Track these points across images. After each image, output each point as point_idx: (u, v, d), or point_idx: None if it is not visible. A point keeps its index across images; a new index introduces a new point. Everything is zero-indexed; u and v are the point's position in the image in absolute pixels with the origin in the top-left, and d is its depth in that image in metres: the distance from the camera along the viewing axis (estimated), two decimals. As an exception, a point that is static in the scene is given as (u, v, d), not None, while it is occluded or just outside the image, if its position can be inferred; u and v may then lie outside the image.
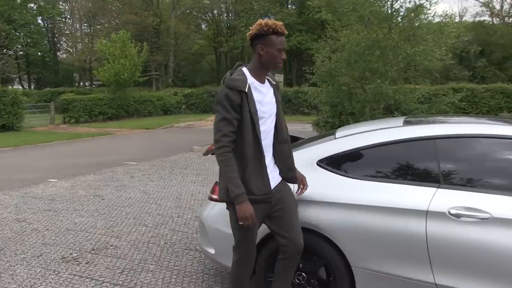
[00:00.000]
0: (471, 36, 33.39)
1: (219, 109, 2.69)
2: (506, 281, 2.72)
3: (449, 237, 2.80)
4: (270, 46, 2.74)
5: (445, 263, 2.83)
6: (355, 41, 10.04)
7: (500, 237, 2.71)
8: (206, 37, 43.55)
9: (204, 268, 4.23)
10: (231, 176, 2.65)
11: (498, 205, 2.78)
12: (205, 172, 9.12)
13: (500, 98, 23.45)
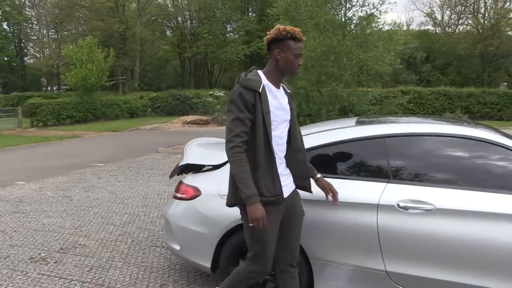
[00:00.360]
0: (417, 44, 34.42)
1: (232, 108, 2.53)
2: (450, 266, 2.82)
3: (398, 227, 2.88)
4: (287, 51, 2.60)
5: (394, 252, 2.91)
6: (312, 47, 10.15)
7: (443, 225, 2.81)
8: (171, 43, 43.06)
9: (170, 263, 4.19)
10: (243, 176, 2.46)
11: (441, 197, 2.87)
12: (171, 172, 9.01)
13: (443, 100, 24.27)
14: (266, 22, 29.10)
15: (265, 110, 2.54)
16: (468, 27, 38.26)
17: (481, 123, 3.91)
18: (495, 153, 3.00)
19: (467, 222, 2.80)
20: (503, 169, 2.98)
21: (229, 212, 3.16)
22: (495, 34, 33.76)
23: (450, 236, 2.81)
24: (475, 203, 2.83)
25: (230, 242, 3.23)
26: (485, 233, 2.77)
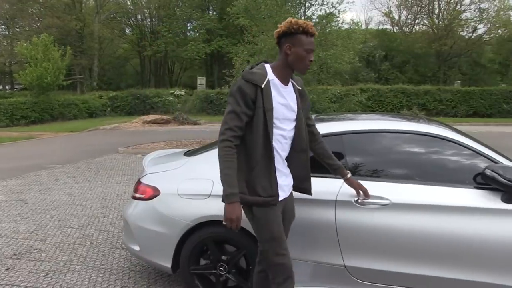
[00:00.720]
0: (376, 42, 35.21)
1: (230, 101, 2.44)
2: (407, 258, 2.91)
3: (356, 223, 2.95)
4: (298, 46, 2.45)
5: (352, 247, 2.98)
6: (271, 45, 10.20)
7: (399, 219, 2.90)
8: (130, 42, 42.34)
9: (130, 265, 4.14)
10: (227, 173, 2.37)
11: (396, 192, 2.96)
12: (131, 172, 8.89)
13: (401, 98, 24.94)
14: (226, 21, 29.12)
15: (268, 106, 2.42)
16: (424, 27, 39.43)
17: (435, 120, 4.05)
18: (448, 148, 3.11)
19: (422, 215, 2.90)
20: (456, 163, 3.10)
21: (188, 211, 3.17)
22: (448, 34, 34.94)
23: (406, 230, 2.90)
24: (429, 197, 2.93)
25: (190, 241, 3.22)
26: (439, 226, 2.87)
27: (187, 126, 20.02)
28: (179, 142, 13.23)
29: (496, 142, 11.57)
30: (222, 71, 13.28)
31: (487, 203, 2.87)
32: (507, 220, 2.83)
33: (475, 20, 36.00)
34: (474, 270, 2.86)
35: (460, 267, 2.87)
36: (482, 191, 2.92)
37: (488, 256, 2.83)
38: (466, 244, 2.85)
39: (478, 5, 35.40)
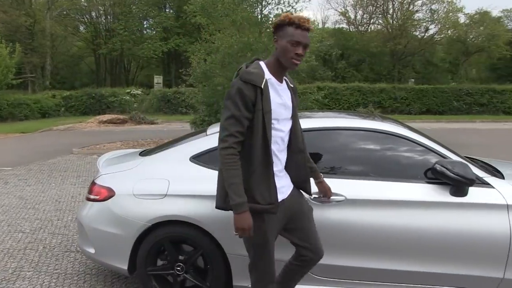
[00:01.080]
0: (332, 41, 35.78)
1: (228, 105, 2.29)
2: (362, 253, 3.00)
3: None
4: (282, 37, 2.33)
5: None
6: (228, 44, 10.21)
7: (353, 215, 2.98)
8: (85, 39, 41.24)
9: (86, 268, 4.05)
10: (233, 182, 2.24)
11: (351, 188, 3.04)
12: (86, 173, 8.68)
13: (357, 95, 25.47)
14: (183, 19, 28.88)
15: (266, 108, 2.30)
16: (379, 26, 40.41)
17: (389, 117, 4.17)
18: (401, 145, 3.22)
19: (376, 210, 2.99)
20: (408, 159, 3.21)
21: (144, 211, 3.15)
22: (402, 33, 35.98)
23: (361, 225, 2.98)
24: (383, 192, 3.03)
25: (146, 242, 3.19)
26: (394, 220, 2.97)
27: (144, 125, 19.73)
28: (136, 142, 13.03)
29: (447, 138, 12.04)
30: (179, 70, 13.17)
31: (437, 197, 2.99)
32: (456, 213, 2.96)
33: (426, 20, 37.28)
34: (427, 261, 2.98)
35: (415, 259, 2.98)
36: (432, 186, 3.04)
37: (440, 247, 2.96)
38: (419, 237, 2.96)
39: (429, 6, 36.66)
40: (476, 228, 2.94)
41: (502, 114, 24.97)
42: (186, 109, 14.17)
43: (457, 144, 10.38)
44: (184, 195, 3.11)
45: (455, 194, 2.97)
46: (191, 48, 12.08)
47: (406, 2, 36.93)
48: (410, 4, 36.85)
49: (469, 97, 25.64)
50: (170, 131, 15.99)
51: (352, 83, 27.37)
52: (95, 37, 39.34)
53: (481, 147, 11.92)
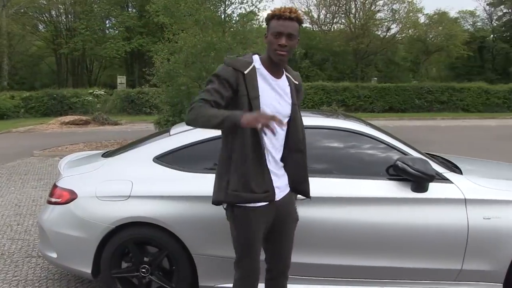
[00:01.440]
0: (296, 40, 35.99)
1: (207, 84, 2.30)
2: (325, 249, 3.05)
3: None
4: (268, 32, 2.32)
5: None
6: (192, 43, 10.15)
7: (317, 213, 3.02)
8: (44, 39, 40.07)
9: (48, 273, 3.95)
10: (214, 114, 2.14)
11: (315, 186, 3.07)
12: (47, 176, 8.46)
13: (321, 94, 25.80)
14: (146, 18, 28.54)
15: (253, 94, 2.25)
16: (342, 25, 41.03)
17: (352, 116, 4.25)
18: (364, 143, 3.28)
19: (340, 208, 3.04)
20: (371, 157, 3.28)
21: (108, 213, 3.10)
22: (365, 33, 36.64)
23: (326, 223, 3.03)
24: (347, 190, 3.08)
25: (110, 244, 3.14)
26: (358, 217, 3.04)
27: (107, 126, 19.37)
28: (99, 143, 12.78)
29: (409, 135, 12.34)
30: (143, 70, 12.99)
31: (399, 193, 3.07)
32: (417, 208, 3.05)
33: (388, 20, 38.10)
34: (390, 256, 3.06)
35: (378, 255, 3.06)
36: (394, 182, 3.11)
37: (401, 243, 3.04)
38: (382, 233, 3.03)
39: (391, 6, 37.46)
40: (436, 222, 3.03)
41: (461, 111, 25.79)
42: (150, 109, 14.02)
43: (418, 141, 10.66)
44: (148, 196, 3.09)
45: (416, 190, 3.04)
46: (154, 48, 11.95)
47: (368, 2, 37.63)
48: (372, 4, 37.59)
49: (430, 95, 26.37)
50: (134, 131, 15.77)
51: (316, 82, 27.71)
52: (56, 36, 38.32)
53: (441, 143, 12.28)
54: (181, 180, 3.13)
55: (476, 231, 3.03)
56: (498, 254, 3.06)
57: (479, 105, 26.20)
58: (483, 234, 3.03)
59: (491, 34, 43.27)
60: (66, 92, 26.44)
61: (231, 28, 11.56)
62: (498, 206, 3.08)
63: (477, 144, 12.40)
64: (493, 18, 44.14)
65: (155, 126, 12.13)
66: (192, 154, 3.24)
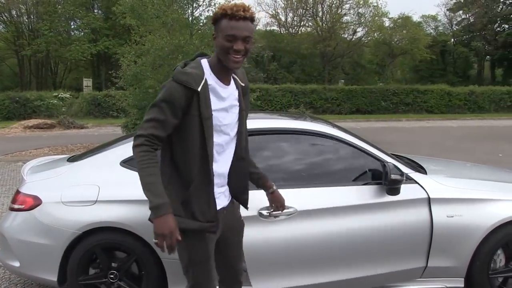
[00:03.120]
0: (264, 43, 36.19)
1: (154, 105, 2.03)
2: (313, 266, 3.02)
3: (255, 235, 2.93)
4: (218, 33, 2.04)
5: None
6: (159, 46, 10.05)
7: (305, 227, 2.98)
8: (5, 39, 38.88)
9: (10, 284, 3.83)
10: (149, 181, 1.97)
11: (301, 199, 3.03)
12: (10, 182, 8.21)
13: (289, 97, 25.95)
14: (112, 20, 28.18)
15: (206, 114, 2.03)
16: (309, 28, 41.37)
17: (320, 118, 4.28)
18: (331, 145, 3.28)
19: (323, 220, 3.01)
20: (340, 160, 3.29)
21: (74, 219, 3.03)
22: (332, 36, 37.08)
23: (312, 236, 2.98)
24: (318, 200, 3.05)
25: (77, 251, 3.07)
26: (328, 228, 3.01)
27: (73, 130, 18.95)
28: (65, 147, 12.50)
29: (376, 136, 12.57)
30: (109, 72, 12.77)
31: (376, 198, 3.09)
32: (390, 211, 3.08)
33: (354, 23, 38.66)
34: (372, 264, 3.09)
35: (365, 263, 3.08)
36: (363, 187, 3.14)
37: (380, 248, 3.07)
38: (367, 240, 3.04)
39: (357, 10, 38.06)
40: (403, 223, 3.09)
41: (425, 112, 26.44)
42: (117, 112, 13.78)
43: (385, 142, 10.87)
44: (115, 201, 3.04)
45: (391, 193, 3.05)
46: (121, 50, 11.78)
47: (334, 5, 38.12)
48: (339, 7, 38.10)
49: (396, 97, 26.92)
50: (101, 135, 15.48)
51: (284, 84, 27.85)
52: (17, 37, 37.21)
53: (406, 144, 12.55)
54: (149, 184, 3.09)
55: (440, 229, 3.11)
56: (461, 250, 3.16)
57: (442, 107, 26.92)
58: (447, 232, 3.12)
59: (451, 38, 44.60)
60: (30, 95, 25.71)
61: (198, 31, 11.49)
62: (461, 204, 3.18)
63: (441, 144, 12.74)
64: (453, 23, 45.58)
65: (123, 129, 11.96)
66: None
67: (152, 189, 1.99)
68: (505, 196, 3.30)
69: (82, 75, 35.82)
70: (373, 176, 3.20)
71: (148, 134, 2.02)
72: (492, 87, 29.12)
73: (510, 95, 27.59)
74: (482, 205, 3.20)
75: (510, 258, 3.27)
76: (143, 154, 2.01)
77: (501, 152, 11.08)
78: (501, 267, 3.28)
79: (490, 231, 3.15)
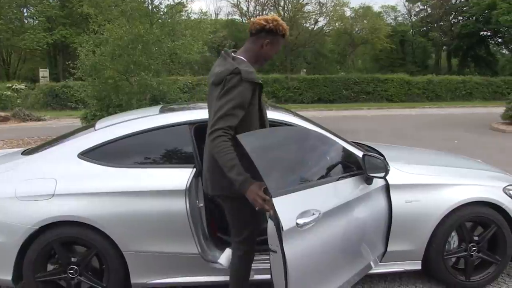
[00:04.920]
0: (225, 32, 35.99)
1: (228, 98, 2.38)
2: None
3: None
4: (274, 45, 2.61)
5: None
6: (118, 35, 9.81)
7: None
8: (-48, 28, 37.09)
9: None
10: (233, 164, 2.29)
11: None
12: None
13: (257, 86, 25.95)
14: (69, 8, 27.31)
15: (261, 104, 2.55)
16: (271, 18, 41.28)
17: (281, 107, 4.30)
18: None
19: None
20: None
21: (30, 214, 2.95)
22: (293, 25, 37.11)
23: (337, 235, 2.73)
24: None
25: (33, 247, 2.98)
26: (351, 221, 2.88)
27: (30, 123, 18.33)
28: (20, 140, 12.08)
29: (338, 125, 12.74)
30: (67, 63, 12.37)
31: (355, 190, 2.96)
32: (368, 201, 3.05)
33: (316, 13, 38.87)
34: (359, 255, 3.02)
35: (358, 256, 3.02)
36: (346, 180, 2.94)
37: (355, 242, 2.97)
38: (362, 233, 2.98)
39: (318, 0, 38.29)
40: (365, 211, 3.01)
41: (386, 101, 27.00)
42: (76, 104, 13.43)
43: (346, 130, 11.03)
44: (73, 194, 2.97)
45: (368, 182, 3.05)
46: (79, 40, 11.45)
47: (296, -5, 38.20)
48: (300, -4, 38.22)
49: (357, 86, 27.36)
50: (60, 127, 15.03)
51: (250, 74, 27.79)
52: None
53: (367, 132, 12.79)
54: (108, 176, 3.04)
55: (399, 215, 3.20)
56: (418, 235, 3.26)
57: (401, 95, 27.54)
58: (405, 217, 3.21)
59: (410, 28, 45.56)
60: (-19, 86, 24.73)
61: (159, 20, 11.29)
62: (418, 190, 3.28)
63: (400, 132, 13.05)
64: (412, 13, 46.53)
65: (82, 121, 11.66)
66: (119, 149, 3.15)
67: (236, 170, 2.30)
68: (459, 181, 3.42)
69: (38, 66, 34.64)
70: (344, 168, 3.06)
71: (225, 127, 2.35)
72: (449, 77, 30.02)
73: (465, 84, 28.57)
74: (438, 190, 3.31)
75: (462, 239, 3.40)
76: (223, 143, 2.32)
77: (457, 139, 11.46)
78: (455, 248, 3.41)
79: (445, 215, 3.26)
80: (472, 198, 3.32)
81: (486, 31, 38.57)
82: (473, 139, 11.57)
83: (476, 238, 3.40)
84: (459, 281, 3.39)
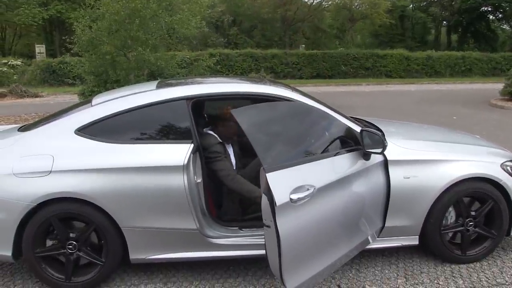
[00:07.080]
0: (224, 7, 35.52)
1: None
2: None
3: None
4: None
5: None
6: (115, 10, 9.64)
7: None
8: None
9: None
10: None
11: None
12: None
13: (250, 61, 25.75)
14: (64, -18, 26.82)
15: None
16: (269, -8, 40.72)
17: (280, 82, 4.26)
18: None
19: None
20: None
21: (28, 191, 2.94)
22: (292, 0, 36.70)
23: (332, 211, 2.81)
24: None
25: (32, 223, 2.98)
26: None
27: (27, 99, 18.23)
28: (18, 117, 12.03)
29: (337, 100, 12.69)
30: (63, 38, 12.19)
31: (353, 165, 3.02)
32: (372, 174, 3.11)
33: (315, -13, 38.33)
34: (360, 230, 3.08)
35: (359, 231, 3.07)
36: (344, 155, 3.01)
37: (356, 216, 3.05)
38: (362, 207, 3.04)
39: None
40: (365, 186, 3.08)
41: (385, 77, 26.83)
42: (73, 80, 13.28)
43: (345, 106, 11.00)
44: (71, 170, 2.96)
45: (366, 158, 3.09)
46: (74, 15, 11.24)
47: (295, -31, 37.56)
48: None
49: (356, 62, 27.14)
50: (57, 104, 14.95)
51: (244, 49, 27.54)
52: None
53: (366, 108, 12.76)
54: (105, 152, 3.03)
55: (397, 190, 3.20)
56: (416, 210, 3.27)
57: (400, 71, 27.36)
58: (403, 193, 3.22)
59: (410, 3, 44.95)
60: (-24, 63, 24.47)
61: (156, -7, 11.09)
62: (417, 166, 3.27)
63: (399, 108, 13.02)
64: (412, -12, 45.86)
65: (80, 97, 11.57)
66: (116, 125, 3.12)
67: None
68: (457, 156, 3.42)
69: (34, 41, 34.22)
70: (342, 143, 3.12)
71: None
72: (448, 52, 29.76)
73: (465, 60, 28.34)
74: (437, 166, 3.31)
75: (459, 214, 3.41)
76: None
77: (456, 114, 11.44)
78: (452, 223, 3.43)
79: (443, 191, 3.26)
80: (470, 174, 3.33)
81: (486, 6, 38.07)
82: (472, 115, 11.56)
83: (473, 213, 3.42)
84: (455, 255, 3.42)
